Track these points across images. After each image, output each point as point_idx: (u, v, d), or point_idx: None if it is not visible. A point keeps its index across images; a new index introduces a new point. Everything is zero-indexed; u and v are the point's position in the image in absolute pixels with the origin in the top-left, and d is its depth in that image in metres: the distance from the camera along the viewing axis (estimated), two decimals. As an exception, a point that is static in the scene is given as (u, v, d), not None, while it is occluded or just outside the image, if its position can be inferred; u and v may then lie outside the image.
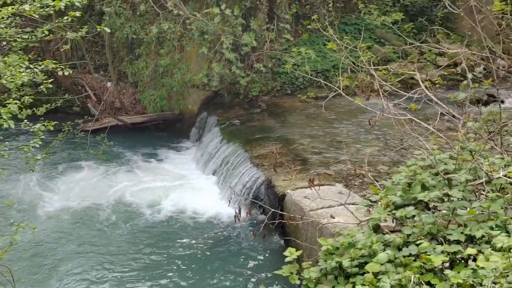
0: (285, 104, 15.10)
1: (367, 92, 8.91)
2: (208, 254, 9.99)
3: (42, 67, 8.07)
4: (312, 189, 8.14)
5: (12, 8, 7.65)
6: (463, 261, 5.18)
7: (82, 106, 17.15)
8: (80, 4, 8.52)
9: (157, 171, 13.88)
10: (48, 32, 8.72)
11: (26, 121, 8.43)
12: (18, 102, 7.58)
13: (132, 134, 16.02)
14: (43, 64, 8.07)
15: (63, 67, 8.48)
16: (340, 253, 5.90)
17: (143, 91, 16.40)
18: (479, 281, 4.51)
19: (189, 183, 13.05)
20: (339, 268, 5.71)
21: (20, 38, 8.53)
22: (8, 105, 7.40)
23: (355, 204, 7.62)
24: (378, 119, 8.23)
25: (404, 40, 12.13)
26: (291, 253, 5.99)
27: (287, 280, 5.86)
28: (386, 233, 5.94)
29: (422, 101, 8.09)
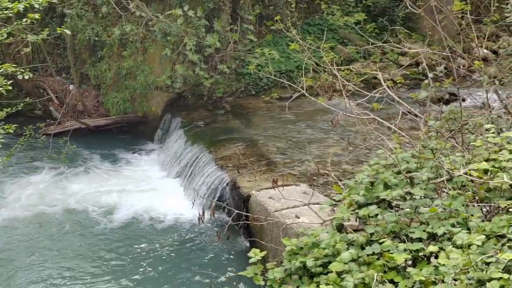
0: (249, 105, 15.07)
1: (329, 92, 8.93)
2: (173, 256, 9.91)
3: (2, 70, 7.91)
4: (276, 189, 8.13)
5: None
6: (425, 258, 5.21)
7: (44, 110, 16.87)
8: (41, 6, 8.39)
9: (120, 174, 13.71)
10: (7, 35, 8.57)
11: (-15, 125, 8.27)
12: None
13: (95, 137, 15.77)
14: (2, 67, 7.91)
15: (23, 71, 8.33)
16: (304, 253, 5.87)
17: (106, 93, 16.20)
18: (441, 277, 4.54)
19: (153, 186, 12.91)
20: (303, 268, 5.69)
21: (-21, 41, 8.38)
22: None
23: (320, 203, 7.62)
24: (341, 119, 8.25)
25: (367, 40, 12.20)
26: (255, 254, 5.94)
27: (252, 281, 5.82)
28: (349, 232, 5.94)
29: (384, 100, 8.16)
